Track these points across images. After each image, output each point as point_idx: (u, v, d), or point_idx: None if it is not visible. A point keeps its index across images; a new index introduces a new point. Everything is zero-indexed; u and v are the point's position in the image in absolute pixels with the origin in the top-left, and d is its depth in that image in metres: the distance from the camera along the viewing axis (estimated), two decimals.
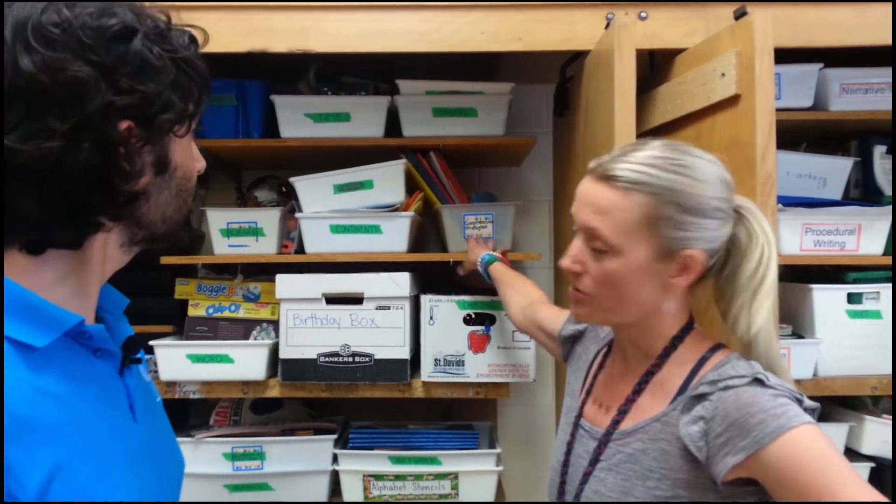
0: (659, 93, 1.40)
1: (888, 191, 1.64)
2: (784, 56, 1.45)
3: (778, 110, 1.47)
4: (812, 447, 0.74)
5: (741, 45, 1.16)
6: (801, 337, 1.54)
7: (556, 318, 1.19)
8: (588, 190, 0.87)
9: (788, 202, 1.52)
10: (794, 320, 1.57)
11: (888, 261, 1.55)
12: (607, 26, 1.30)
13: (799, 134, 1.71)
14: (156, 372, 1.59)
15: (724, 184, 0.87)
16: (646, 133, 1.50)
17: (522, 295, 1.36)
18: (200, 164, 0.78)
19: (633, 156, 0.85)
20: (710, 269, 0.89)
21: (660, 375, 0.89)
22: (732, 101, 1.18)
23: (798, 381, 1.49)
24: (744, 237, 0.88)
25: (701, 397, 0.82)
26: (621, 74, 1.21)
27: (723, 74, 1.19)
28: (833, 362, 1.51)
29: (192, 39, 0.72)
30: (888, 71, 1.54)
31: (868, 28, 1.36)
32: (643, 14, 1.36)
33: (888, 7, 1.39)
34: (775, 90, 1.48)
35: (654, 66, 1.50)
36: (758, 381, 0.80)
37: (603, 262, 0.85)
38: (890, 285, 1.55)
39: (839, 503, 0.70)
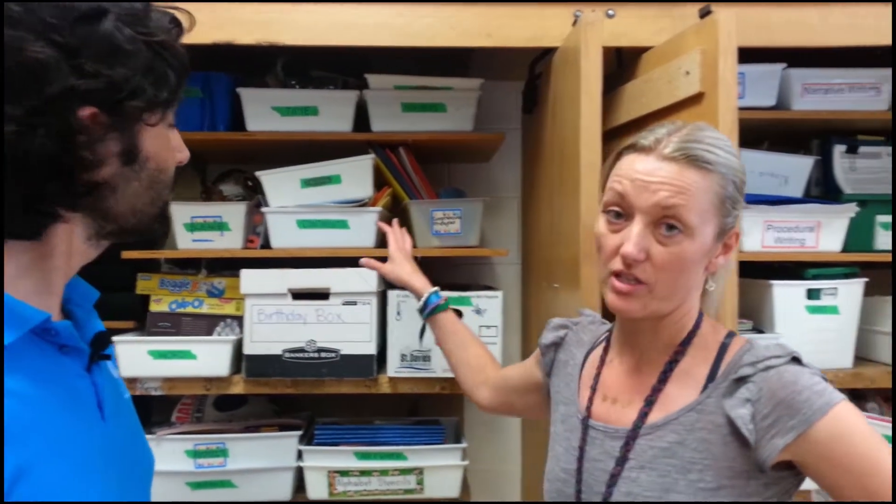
0: (626, 90, 1.41)
1: (847, 189, 1.68)
2: (748, 56, 1.47)
3: (742, 109, 1.49)
4: (856, 422, 0.76)
5: (706, 43, 1.17)
6: (761, 332, 1.57)
7: (526, 367, 1.14)
8: (656, 170, 0.82)
9: (751, 200, 1.55)
10: (755, 315, 1.60)
11: (846, 257, 1.59)
12: (574, 23, 1.30)
13: (762, 133, 1.74)
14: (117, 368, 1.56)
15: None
16: (612, 130, 1.51)
17: (477, 362, 1.26)
18: (182, 154, 0.75)
19: (697, 135, 0.83)
20: None
21: (683, 364, 0.86)
22: (696, 98, 1.19)
23: None
24: None
25: (742, 380, 0.80)
26: (588, 71, 1.22)
27: (687, 73, 1.20)
28: None
29: (175, 23, 0.68)
30: (848, 72, 1.58)
31: (830, 29, 1.39)
32: (611, 12, 1.37)
33: (851, 8, 1.42)
34: (739, 89, 1.51)
35: (622, 64, 1.51)
36: (795, 360, 0.80)
37: (672, 245, 0.81)
38: (848, 281, 1.59)
39: None
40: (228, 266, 1.66)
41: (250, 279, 1.54)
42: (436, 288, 1.34)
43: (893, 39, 1.38)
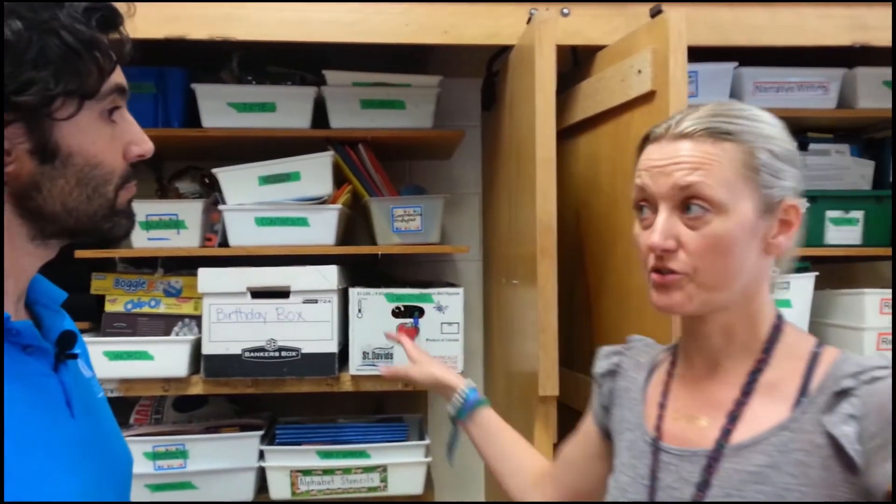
0: (581, 89, 1.43)
1: None
2: (702, 55, 1.50)
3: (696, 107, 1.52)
4: None
5: (657, 42, 1.19)
6: None
7: (583, 432, 0.98)
8: (669, 151, 0.76)
9: None
10: None
11: (797, 252, 1.62)
12: (529, 21, 1.31)
13: None
14: None
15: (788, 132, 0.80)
16: (569, 128, 1.53)
17: (530, 461, 1.08)
18: (140, 147, 0.71)
19: (715, 110, 0.77)
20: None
21: (768, 374, 0.76)
22: (648, 97, 1.21)
23: None
24: None
25: (844, 393, 0.70)
26: (542, 69, 1.23)
27: (639, 71, 1.22)
28: None
29: (97, 10, 0.64)
30: (798, 71, 1.62)
31: (778, 29, 1.42)
32: (565, 10, 1.38)
33: (798, 9, 1.46)
34: (693, 88, 1.54)
35: (578, 63, 1.52)
36: (893, 373, 0.69)
37: (702, 226, 0.74)
38: (800, 276, 1.63)
39: None
40: (185, 265, 1.64)
41: (208, 278, 1.53)
42: (470, 381, 1.14)
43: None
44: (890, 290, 1.68)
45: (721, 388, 0.78)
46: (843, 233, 1.68)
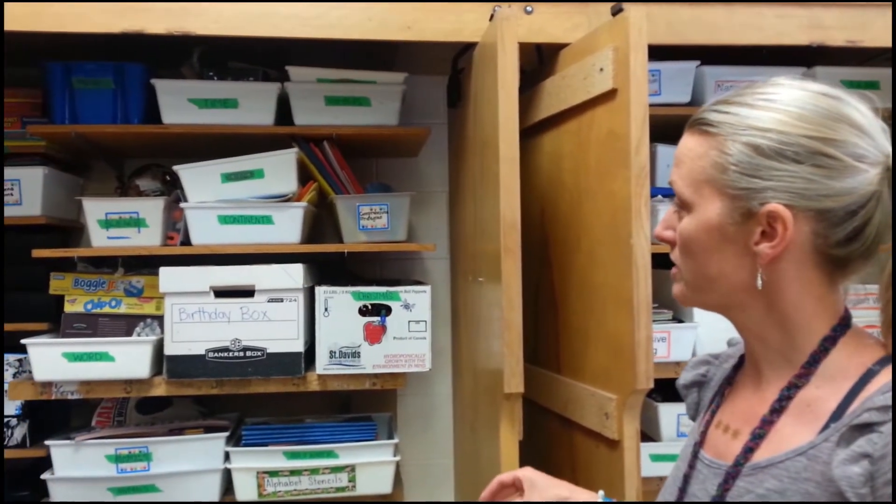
0: (545, 87, 1.43)
1: None
2: (665, 54, 1.51)
3: (658, 105, 1.54)
4: None
5: (618, 40, 1.20)
6: (680, 321, 1.62)
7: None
8: (679, 146, 0.74)
9: (668, 193, 1.60)
10: (674, 305, 1.65)
11: None
12: (492, 18, 1.31)
13: (679, 128, 1.77)
14: (30, 372, 1.50)
15: (845, 123, 0.66)
16: (534, 126, 1.53)
17: None
18: None
19: (728, 94, 0.71)
20: (842, 245, 0.67)
21: (806, 392, 0.68)
22: (610, 95, 1.22)
23: (677, 364, 1.57)
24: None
25: (866, 427, 0.61)
26: (504, 66, 1.23)
27: (601, 69, 1.23)
28: (710, 345, 1.60)
29: None
30: (758, 70, 1.63)
31: (735, 28, 1.44)
32: (529, 8, 1.39)
33: (755, 8, 1.48)
34: (655, 86, 1.55)
35: (542, 60, 1.53)
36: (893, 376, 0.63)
37: (680, 223, 0.73)
38: None
39: None
40: (147, 264, 1.61)
41: (170, 277, 1.50)
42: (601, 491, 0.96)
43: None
44: (865, 287, 1.71)
45: (759, 402, 0.73)
46: None
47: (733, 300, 0.72)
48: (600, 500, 0.92)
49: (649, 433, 1.66)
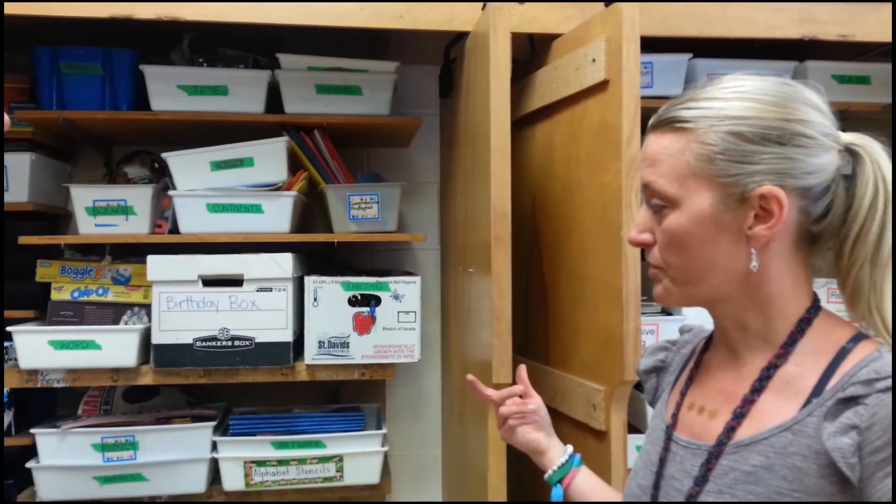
0: (537, 77, 1.43)
1: None
2: (657, 46, 1.51)
3: (650, 97, 1.53)
4: None
5: (610, 31, 1.19)
6: (669, 314, 1.63)
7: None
8: (645, 146, 0.75)
9: None
10: None
11: None
12: (484, 7, 1.30)
13: None
14: (15, 360, 1.49)
15: (808, 106, 0.70)
16: (526, 116, 1.53)
17: None
18: None
19: (690, 93, 0.73)
20: (818, 221, 0.72)
21: (785, 370, 0.71)
22: (602, 86, 1.21)
23: None
24: (860, 186, 0.71)
25: (852, 400, 0.65)
26: (496, 56, 1.22)
27: (594, 60, 1.22)
28: None
29: None
30: (750, 63, 1.64)
31: (729, 21, 1.43)
32: None
33: (749, 1, 1.47)
34: (647, 78, 1.55)
35: (535, 50, 1.52)
36: (893, 372, 0.64)
37: (663, 221, 0.73)
38: None
39: None
40: (134, 252, 1.60)
41: (158, 265, 1.49)
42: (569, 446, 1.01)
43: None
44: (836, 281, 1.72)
45: (737, 382, 0.75)
46: None
47: (722, 291, 0.73)
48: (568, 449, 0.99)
49: (636, 425, 1.66)
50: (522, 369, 1.03)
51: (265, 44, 1.60)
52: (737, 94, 0.71)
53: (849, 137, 0.72)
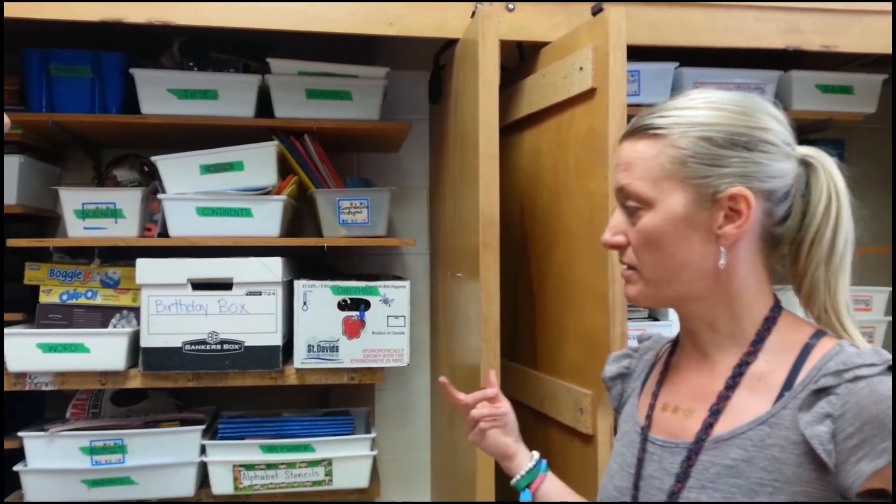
0: (526, 84, 1.44)
1: None
2: (645, 55, 1.53)
3: (638, 105, 1.55)
4: None
5: (598, 40, 1.21)
6: (655, 319, 1.65)
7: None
8: (620, 153, 0.78)
9: None
10: None
11: None
12: (473, 15, 1.32)
13: None
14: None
15: (770, 116, 0.76)
16: (514, 123, 1.54)
17: None
18: None
19: (662, 104, 0.78)
20: (780, 224, 0.77)
21: (756, 367, 0.75)
22: (589, 94, 1.23)
23: None
24: (815, 194, 0.76)
25: (824, 391, 0.69)
26: (485, 63, 1.24)
27: (581, 68, 1.24)
28: None
29: None
30: (736, 72, 1.66)
31: (715, 30, 1.46)
32: (510, 6, 1.39)
33: (736, 11, 1.50)
34: (635, 87, 1.57)
35: (524, 58, 1.54)
36: (893, 370, 0.68)
37: (637, 222, 0.76)
38: None
39: None
40: (124, 255, 1.60)
41: (147, 269, 1.49)
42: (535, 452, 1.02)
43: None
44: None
45: (709, 381, 0.78)
46: None
47: (693, 289, 0.77)
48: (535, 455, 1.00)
49: None
50: (492, 374, 1.05)
51: (255, 48, 1.61)
52: (706, 103, 0.75)
53: (804, 150, 0.78)
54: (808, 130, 1.83)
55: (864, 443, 0.65)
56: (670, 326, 1.61)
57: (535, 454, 1.01)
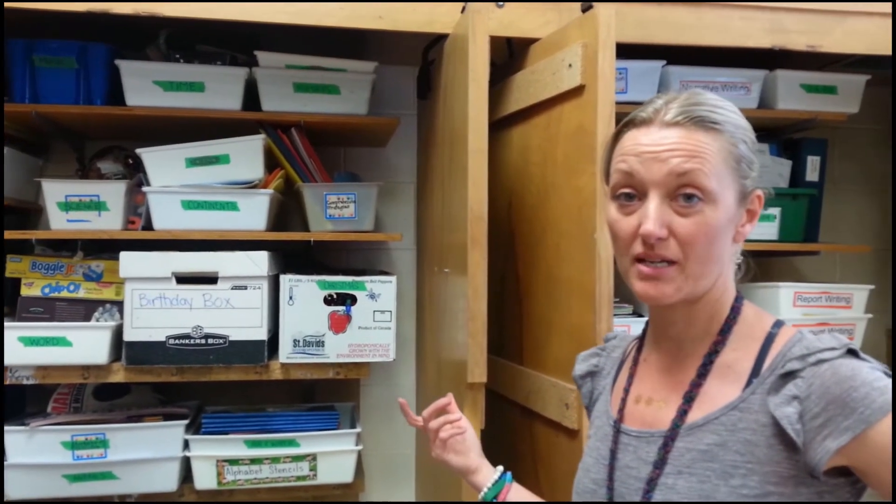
0: (515, 80, 1.44)
1: None
2: (633, 53, 1.54)
3: (625, 103, 1.56)
4: None
5: (587, 37, 1.21)
6: (640, 315, 1.66)
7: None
8: (660, 137, 0.75)
9: None
10: (634, 300, 1.69)
11: None
12: (463, 10, 1.31)
13: None
14: None
15: None
16: (503, 119, 1.54)
17: None
18: None
19: (697, 98, 0.77)
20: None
21: (724, 355, 0.79)
22: (578, 91, 1.23)
23: None
24: None
25: (790, 375, 0.72)
26: (475, 58, 1.24)
27: (570, 65, 1.24)
28: None
29: None
30: (722, 71, 1.68)
31: (702, 29, 1.47)
32: (500, 3, 1.39)
33: (723, 10, 1.51)
34: (622, 84, 1.58)
35: (513, 54, 1.54)
36: (852, 353, 0.72)
37: (695, 214, 0.74)
38: None
39: None
40: (107, 248, 1.59)
41: (131, 262, 1.48)
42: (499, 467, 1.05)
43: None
44: (803, 284, 1.77)
45: (682, 371, 0.81)
46: (761, 228, 1.76)
47: (711, 283, 0.79)
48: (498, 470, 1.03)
49: None
50: (449, 396, 1.09)
51: (243, 41, 1.60)
52: (734, 109, 0.79)
53: None
54: (792, 130, 1.85)
55: (829, 422, 0.69)
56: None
57: (500, 467, 1.04)
